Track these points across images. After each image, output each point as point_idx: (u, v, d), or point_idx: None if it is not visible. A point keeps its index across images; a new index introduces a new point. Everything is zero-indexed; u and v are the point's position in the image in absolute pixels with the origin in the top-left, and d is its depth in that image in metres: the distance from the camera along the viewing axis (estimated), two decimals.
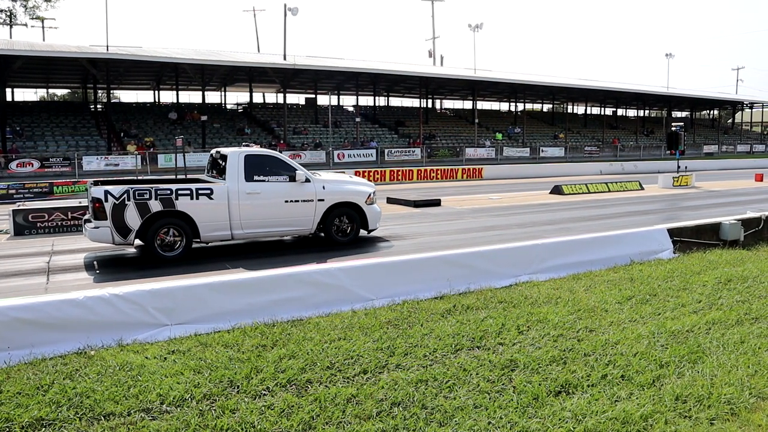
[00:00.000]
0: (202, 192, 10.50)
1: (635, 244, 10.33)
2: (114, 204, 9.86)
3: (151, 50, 38.93)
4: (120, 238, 9.97)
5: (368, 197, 12.13)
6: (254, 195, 10.93)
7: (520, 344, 6.01)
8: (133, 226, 10.00)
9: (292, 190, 11.30)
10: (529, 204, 19.78)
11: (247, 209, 10.86)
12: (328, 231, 11.78)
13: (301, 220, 11.49)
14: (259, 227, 11.14)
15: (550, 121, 68.18)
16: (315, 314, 6.99)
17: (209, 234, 10.67)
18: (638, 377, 5.23)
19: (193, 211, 10.39)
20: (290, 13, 46.46)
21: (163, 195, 10.16)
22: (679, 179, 26.66)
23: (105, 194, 9.87)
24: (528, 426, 4.42)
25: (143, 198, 10.03)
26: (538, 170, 38.03)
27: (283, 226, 11.46)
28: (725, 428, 4.42)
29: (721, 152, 65.93)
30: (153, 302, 6.41)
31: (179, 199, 10.27)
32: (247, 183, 10.91)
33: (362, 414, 4.57)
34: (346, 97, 58.04)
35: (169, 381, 5.05)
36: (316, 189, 11.51)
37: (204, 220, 10.49)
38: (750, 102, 79.97)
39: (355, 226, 12.06)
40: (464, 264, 8.51)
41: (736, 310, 7.22)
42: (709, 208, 18.48)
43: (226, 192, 10.71)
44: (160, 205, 10.13)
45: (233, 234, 10.89)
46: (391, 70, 46.46)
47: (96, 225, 9.97)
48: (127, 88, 52.32)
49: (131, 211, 9.95)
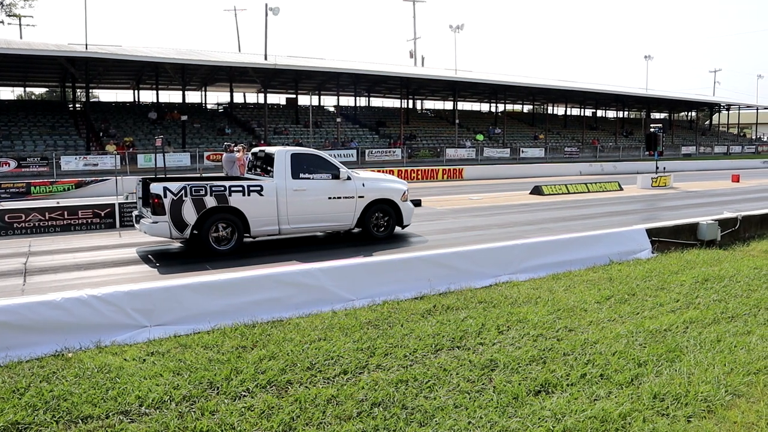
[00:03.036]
0: (253, 189, 10.97)
1: (614, 244, 10.42)
2: (172, 200, 10.28)
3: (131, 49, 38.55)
4: (177, 232, 10.41)
5: (403, 194, 12.69)
6: (300, 192, 11.42)
7: (500, 344, 6.04)
8: (190, 221, 10.42)
9: (334, 187, 11.82)
10: (509, 204, 19.88)
11: (293, 205, 11.34)
12: (366, 226, 12.30)
13: (342, 216, 12.00)
14: (304, 222, 11.62)
15: (530, 121, 68.59)
16: (295, 315, 6.97)
17: (259, 229, 11.11)
18: (617, 376, 5.28)
19: (245, 206, 10.83)
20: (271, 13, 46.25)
21: (217, 191, 10.59)
22: (658, 180, 26.95)
23: (164, 190, 10.26)
24: (508, 425, 4.44)
25: (199, 194, 10.46)
26: (518, 171, 38.19)
27: (325, 222, 11.95)
28: (702, 425, 4.47)
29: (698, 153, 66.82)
30: (132, 303, 6.35)
31: (232, 196, 10.72)
32: (294, 180, 11.39)
33: (342, 415, 4.57)
34: (327, 97, 57.96)
35: (148, 383, 5.00)
36: (357, 186, 12.08)
37: (254, 215, 10.95)
38: (727, 104, 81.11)
39: (391, 222, 12.60)
40: (445, 264, 8.54)
41: (713, 309, 7.32)
42: (687, 209, 18.71)
43: (275, 189, 11.19)
44: (214, 201, 10.56)
45: (281, 229, 11.35)
46: (372, 71, 46.46)
47: (155, 220, 10.35)
48: (107, 87, 51.78)
49: (188, 207, 10.38)
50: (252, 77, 43.23)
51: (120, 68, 40.74)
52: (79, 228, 13.40)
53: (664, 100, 72.53)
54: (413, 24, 70.50)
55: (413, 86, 55.40)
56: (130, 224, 13.76)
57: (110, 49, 37.11)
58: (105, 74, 42.02)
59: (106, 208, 13.80)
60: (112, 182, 20.31)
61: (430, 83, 54.47)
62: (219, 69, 41.88)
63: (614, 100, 71.03)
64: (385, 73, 47.51)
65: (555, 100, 70.89)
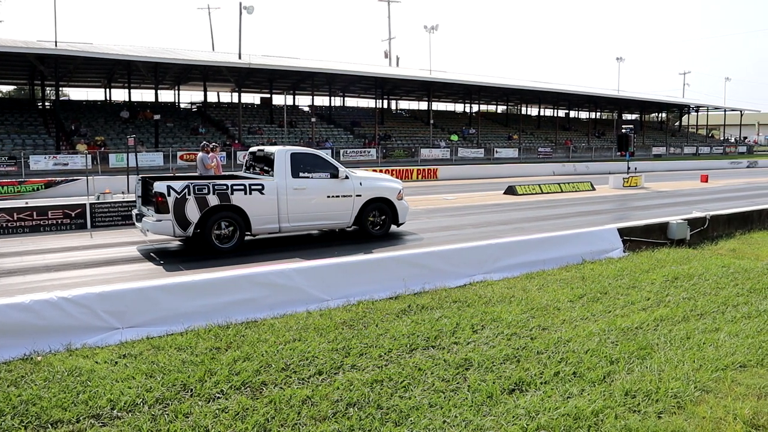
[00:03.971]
0: (254, 187, 11.14)
1: (587, 244, 10.55)
2: (176, 198, 10.41)
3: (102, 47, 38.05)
4: (180, 230, 10.52)
5: (398, 193, 12.99)
6: (300, 190, 11.65)
7: (474, 343, 6.07)
8: (193, 219, 10.55)
9: (333, 186, 12.06)
10: (483, 204, 19.99)
11: (294, 204, 11.56)
12: (363, 224, 12.55)
13: (341, 214, 12.25)
14: (304, 220, 11.85)
15: (504, 122, 69.05)
16: (270, 315, 6.94)
17: (260, 227, 11.30)
18: (589, 374, 5.35)
19: (247, 205, 11.00)
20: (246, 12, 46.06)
21: (220, 190, 10.76)
22: (629, 180, 27.31)
23: (168, 189, 10.39)
24: (482, 424, 4.47)
25: (202, 192, 10.61)
26: (492, 171, 38.41)
27: (324, 220, 12.19)
28: (672, 421, 4.55)
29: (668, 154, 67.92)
30: (103, 305, 6.27)
31: (234, 194, 10.89)
32: (294, 179, 11.61)
33: (317, 415, 4.56)
34: (302, 97, 57.74)
35: (120, 386, 4.94)
36: (354, 185, 12.33)
37: (256, 213, 11.12)
38: (696, 105, 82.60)
39: (387, 220, 12.87)
40: (419, 264, 8.56)
41: (683, 307, 7.45)
42: (657, 208, 18.99)
43: (275, 187, 11.39)
44: (217, 200, 10.71)
45: (281, 227, 11.55)
46: (346, 71, 46.39)
47: (158, 218, 10.47)
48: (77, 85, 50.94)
49: (191, 205, 10.51)
50: (226, 76, 42.90)
51: (91, 66, 40.14)
52: (49, 229, 13.17)
53: (636, 101, 73.60)
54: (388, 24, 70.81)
55: (388, 86, 55.47)
56: (101, 225, 13.61)
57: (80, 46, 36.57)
58: (75, 72, 41.37)
59: (77, 208, 13.57)
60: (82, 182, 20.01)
61: (405, 83, 54.59)
62: (192, 68, 41.47)
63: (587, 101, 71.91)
64: (359, 73, 47.47)
65: (529, 101, 71.52)
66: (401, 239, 12.81)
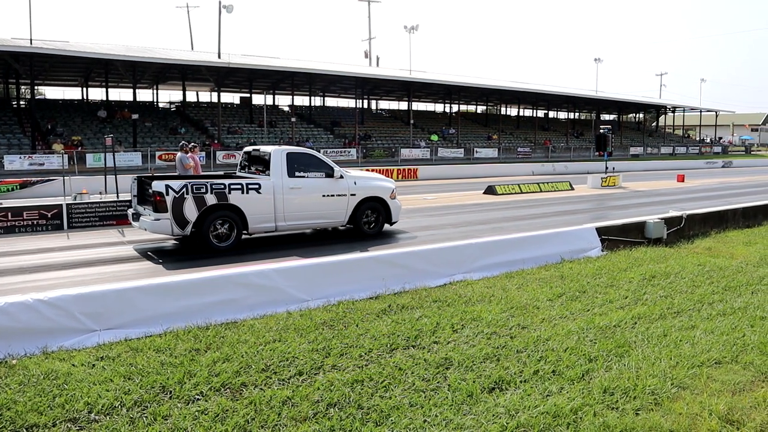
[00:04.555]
0: (251, 187, 11.27)
1: (565, 243, 10.63)
2: (174, 197, 10.49)
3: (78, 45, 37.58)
4: (178, 229, 10.61)
5: (392, 193, 13.23)
6: (296, 190, 11.81)
7: (454, 342, 6.10)
8: (191, 218, 10.66)
9: (328, 186, 12.25)
10: (463, 204, 20.07)
11: (290, 203, 11.73)
12: (357, 223, 12.73)
13: (336, 213, 12.44)
14: (299, 219, 12.01)
15: (483, 122, 69.40)
16: (250, 316, 6.91)
17: (256, 226, 11.42)
18: (568, 372, 5.39)
19: (244, 204, 11.13)
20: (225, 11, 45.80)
21: (217, 189, 10.87)
22: (607, 180, 27.59)
23: (166, 188, 10.47)
24: (463, 423, 4.49)
25: (200, 192, 10.72)
26: (472, 171, 38.56)
27: (320, 219, 12.37)
28: (649, 418, 4.60)
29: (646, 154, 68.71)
30: (80, 307, 6.18)
31: (232, 193, 11.01)
32: (290, 179, 11.78)
33: (298, 416, 4.55)
34: (282, 96, 57.52)
35: (97, 388, 4.88)
36: (349, 184, 12.52)
37: (253, 212, 11.25)
38: (672, 106, 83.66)
39: (381, 219, 13.09)
40: (399, 264, 8.57)
41: (660, 305, 7.54)
42: (635, 207, 19.21)
43: (272, 187, 11.53)
44: (215, 199, 10.82)
45: (277, 226, 11.69)
46: (327, 71, 46.31)
47: (156, 217, 10.55)
48: (53, 84, 50.31)
49: (189, 204, 10.61)
50: (205, 76, 42.60)
51: (67, 65, 39.67)
52: (24, 230, 12.98)
53: (613, 101, 74.33)
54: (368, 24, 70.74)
55: (368, 86, 55.45)
56: (79, 226, 13.45)
57: (57, 44, 36.05)
58: (51, 71, 40.84)
59: (53, 209, 13.40)
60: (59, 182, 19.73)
61: (385, 83, 54.62)
62: (171, 67, 41.11)
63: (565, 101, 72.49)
64: (340, 72, 47.42)
65: (508, 101, 71.91)
66: (394, 238, 12.99)
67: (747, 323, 6.86)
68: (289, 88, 50.49)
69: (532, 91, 61.18)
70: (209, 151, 36.54)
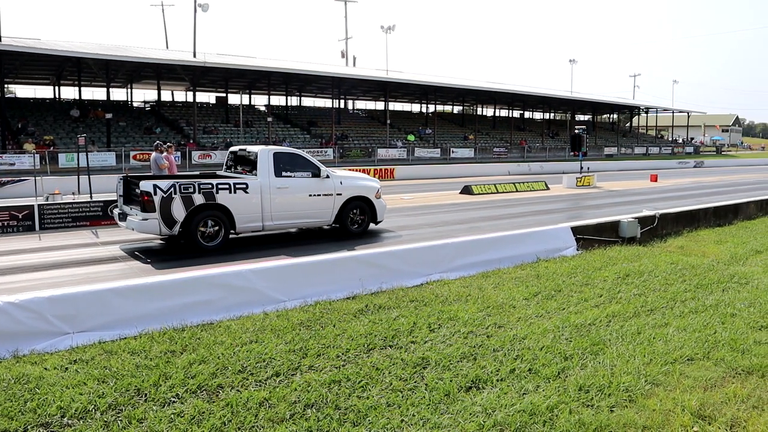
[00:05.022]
0: (239, 186, 11.29)
1: (541, 242, 10.72)
2: (162, 197, 10.48)
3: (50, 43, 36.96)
4: (166, 229, 10.60)
5: (377, 192, 13.36)
6: (283, 189, 11.86)
7: (431, 342, 6.11)
8: (179, 218, 10.64)
9: (315, 185, 12.32)
10: (439, 204, 20.13)
11: (277, 202, 11.78)
12: (343, 222, 12.81)
13: (322, 212, 12.51)
14: (286, 219, 12.06)
15: (460, 122, 69.71)
16: (226, 317, 6.86)
17: (244, 225, 11.46)
18: (544, 370, 5.44)
19: (231, 203, 11.16)
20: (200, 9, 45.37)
21: (205, 189, 10.89)
22: (582, 179, 27.87)
23: (154, 188, 10.45)
24: (440, 422, 4.51)
25: (188, 191, 10.70)
26: (448, 171, 38.68)
27: (306, 218, 12.42)
28: (624, 414, 4.66)
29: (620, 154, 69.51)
30: (52, 310, 6.08)
31: (219, 193, 11.03)
32: (277, 178, 11.82)
33: (275, 417, 4.53)
34: (258, 96, 57.22)
35: (70, 392, 4.81)
36: (335, 184, 12.60)
37: (240, 212, 11.29)
38: (646, 107, 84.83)
39: (366, 218, 13.16)
40: (376, 264, 8.57)
41: (634, 303, 7.64)
42: (609, 207, 19.43)
43: (259, 186, 11.57)
44: (202, 198, 10.83)
45: (264, 225, 11.73)
46: (303, 70, 46.15)
47: (144, 217, 10.53)
48: (24, 82, 49.43)
49: (177, 204, 10.60)
50: (180, 75, 42.22)
51: (38, 63, 38.98)
52: None
53: (588, 102, 75.12)
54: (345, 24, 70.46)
55: (345, 86, 55.35)
56: (51, 227, 13.23)
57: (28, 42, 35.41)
58: (22, 69, 40.13)
59: (25, 209, 13.16)
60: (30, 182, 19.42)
61: (362, 83, 54.57)
62: (146, 66, 40.65)
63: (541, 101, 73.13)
64: (316, 72, 47.29)
65: (484, 102, 72.29)
66: (379, 237, 13.07)
67: (718, 320, 6.99)
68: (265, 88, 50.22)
69: (507, 91, 61.59)
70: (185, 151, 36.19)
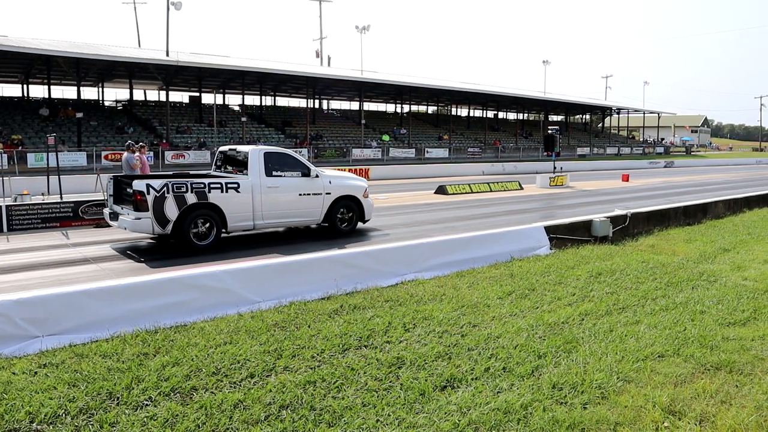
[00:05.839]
0: (230, 186, 11.41)
1: (515, 242, 10.80)
2: (155, 197, 10.53)
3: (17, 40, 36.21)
4: (159, 228, 10.64)
5: (364, 191, 13.51)
6: (274, 189, 11.99)
7: (406, 342, 6.13)
8: (171, 217, 10.70)
9: (305, 184, 12.47)
10: (414, 204, 20.17)
11: (267, 201, 11.89)
12: (332, 221, 12.97)
13: (311, 211, 12.67)
14: (277, 218, 12.20)
15: (434, 122, 69.93)
16: (200, 319, 6.79)
17: (235, 224, 11.55)
18: (518, 368, 5.48)
19: (223, 203, 11.26)
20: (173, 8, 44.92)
21: (197, 188, 10.98)
22: (555, 179, 28.13)
23: (147, 187, 10.49)
24: (415, 421, 4.52)
25: (181, 191, 10.79)
26: (423, 171, 38.78)
27: (296, 217, 12.58)
28: (596, 411, 4.72)
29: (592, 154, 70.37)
30: (21, 313, 5.97)
31: (211, 192, 11.13)
32: (268, 178, 11.95)
33: (250, 419, 4.50)
34: (232, 96, 56.80)
35: (39, 397, 4.73)
36: (324, 183, 12.75)
37: (232, 211, 11.39)
38: (617, 108, 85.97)
39: (354, 217, 13.33)
40: (351, 264, 8.57)
41: (606, 301, 7.74)
42: (582, 207, 19.64)
43: (250, 186, 11.70)
44: (195, 198, 10.91)
45: (255, 224, 11.86)
46: (278, 70, 45.92)
47: (137, 216, 10.58)
48: None
49: (170, 203, 10.66)
50: (153, 74, 41.73)
51: (6, 61, 38.23)
52: None
53: (561, 103, 75.91)
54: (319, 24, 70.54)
55: (319, 86, 55.24)
56: (19, 228, 12.98)
57: None
58: None
59: None
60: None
61: (337, 83, 54.50)
62: (117, 64, 40.11)
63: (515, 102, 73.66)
64: (291, 72, 47.09)
65: (459, 102, 72.67)
66: (367, 236, 13.20)
67: (688, 317, 7.11)
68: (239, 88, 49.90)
69: (482, 92, 61.96)
70: (157, 150, 35.79)
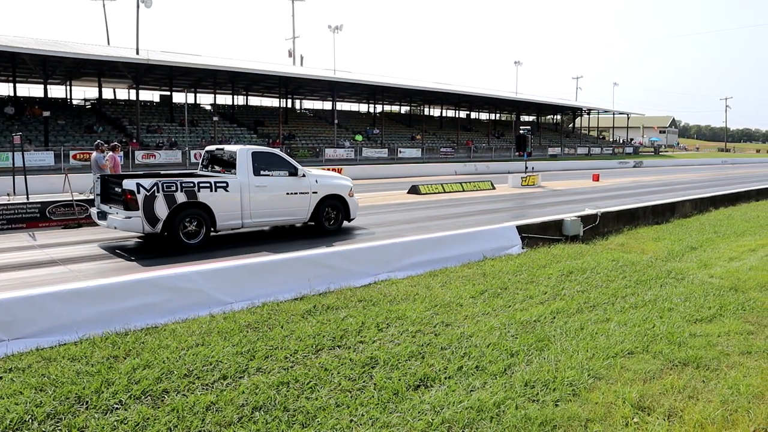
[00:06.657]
0: (219, 185, 11.50)
1: (487, 241, 10.87)
2: (145, 196, 10.59)
3: None
4: (149, 227, 10.69)
5: (350, 191, 13.68)
6: (261, 188, 12.11)
7: (380, 341, 6.13)
8: (161, 216, 10.77)
9: (292, 184, 12.62)
10: (387, 204, 20.18)
11: (255, 200, 12.03)
12: (318, 220, 13.15)
13: (298, 210, 12.83)
14: (264, 217, 12.33)
15: (407, 122, 70.08)
16: (171, 320, 6.71)
17: (224, 223, 11.65)
18: (491, 367, 5.52)
19: (212, 202, 11.36)
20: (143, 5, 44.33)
21: (187, 187, 11.05)
22: (527, 179, 28.39)
23: (137, 186, 10.55)
24: (389, 421, 4.53)
25: (170, 190, 10.84)
26: (396, 171, 38.85)
27: (284, 216, 12.72)
28: (568, 408, 4.78)
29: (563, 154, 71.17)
30: None
31: (201, 191, 11.22)
32: (256, 177, 12.07)
33: (223, 421, 4.46)
34: (204, 95, 56.31)
35: (5, 402, 4.63)
36: (311, 183, 12.92)
37: (221, 210, 11.49)
38: (588, 108, 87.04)
39: (340, 216, 13.55)
40: (324, 264, 8.55)
41: (577, 299, 7.84)
42: (553, 206, 19.84)
43: (239, 185, 11.80)
44: (184, 197, 10.98)
45: (243, 223, 11.98)
46: (250, 69, 45.60)
47: (127, 215, 10.62)
48: None
49: (160, 202, 10.72)
50: (123, 72, 41.13)
51: None
52: None
53: (533, 103, 76.60)
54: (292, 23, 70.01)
55: (292, 86, 54.99)
56: None
57: None
58: None
59: None
60: None
61: (309, 83, 54.29)
62: (86, 62, 39.44)
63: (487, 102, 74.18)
64: (263, 71, 46.80)
65: (431, 102, 72.91)
66: (352, 234, 13.35)
67: (656, 315, 7.23)
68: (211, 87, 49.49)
69: (454, 92, 62.26)
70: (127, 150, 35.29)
